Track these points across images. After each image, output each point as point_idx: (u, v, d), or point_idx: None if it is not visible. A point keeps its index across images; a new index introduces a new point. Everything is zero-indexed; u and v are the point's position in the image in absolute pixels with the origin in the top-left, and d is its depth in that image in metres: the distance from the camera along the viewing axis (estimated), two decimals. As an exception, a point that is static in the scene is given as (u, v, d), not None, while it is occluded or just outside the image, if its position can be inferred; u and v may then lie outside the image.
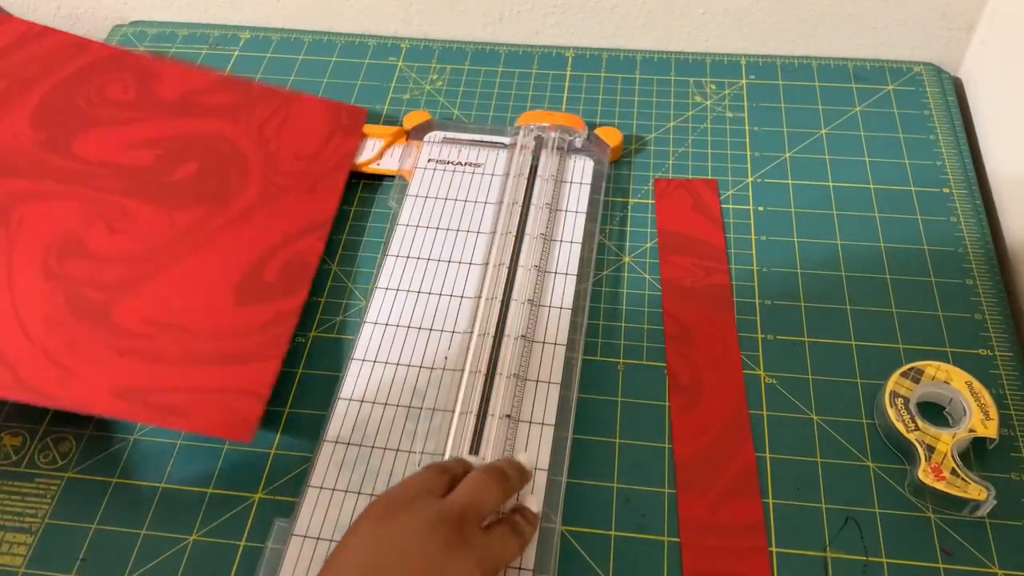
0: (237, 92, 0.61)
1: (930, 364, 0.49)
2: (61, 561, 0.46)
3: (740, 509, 0.46)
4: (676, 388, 0.51)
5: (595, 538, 0.46)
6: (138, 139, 0.57)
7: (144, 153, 0.57)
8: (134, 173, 0.56)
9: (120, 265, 0.52)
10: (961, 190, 0.60)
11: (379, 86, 0.70)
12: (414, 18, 0.75)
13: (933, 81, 0.68)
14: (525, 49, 0.73)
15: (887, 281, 0.55)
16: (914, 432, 0.46)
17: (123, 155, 0.56)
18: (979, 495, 0.44)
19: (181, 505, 0.47)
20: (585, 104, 0.68)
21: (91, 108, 0.58)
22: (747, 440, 0.48)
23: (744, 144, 0.64)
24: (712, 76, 0.70)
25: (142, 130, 0.58)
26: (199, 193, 0.56)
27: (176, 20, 0.78)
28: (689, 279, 0.56)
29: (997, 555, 0.44)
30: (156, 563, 0.45)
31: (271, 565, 0.44)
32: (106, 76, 0.60)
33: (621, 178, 0.63)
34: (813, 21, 0.70)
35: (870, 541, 0.45)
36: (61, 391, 0.46)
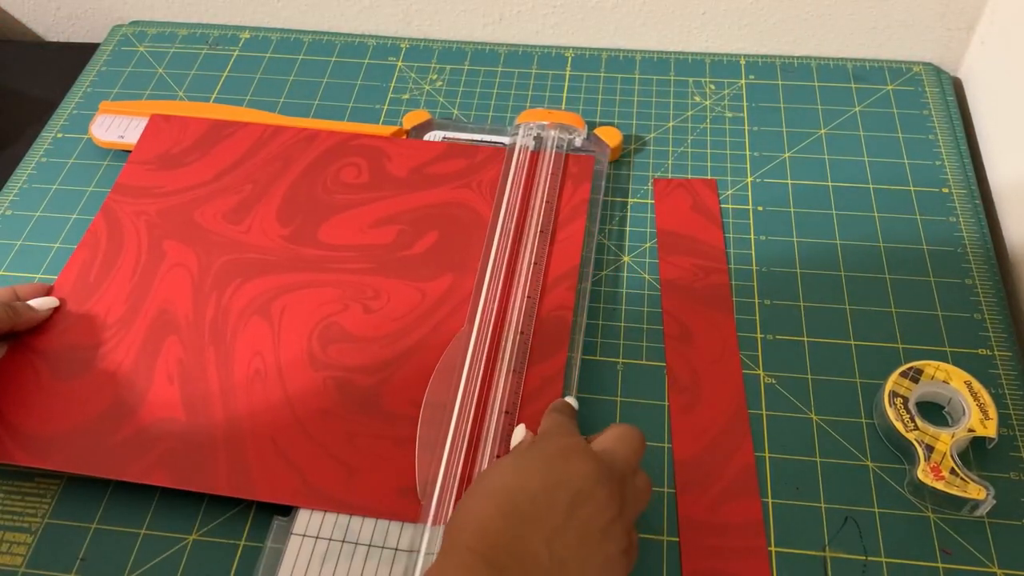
0: (464, 156, 0.62)
1: (929, 364, 0.49)
2: (61, 561, 0.46)
3: (739, 509, 0.46)
4: (676, 388, 0.51)
5: (594, 537, 0.46)
6: (377, 218, 0.58)
7: (385, 231, 0.57)
8: (379, 252, 0.56)
9: (380, 345, 0.52)
10: (960, 190, 0.60)
11: (379, 86, 0.70)
12: (414, 18, 0.75)
13: (933, 81, 0.68)
14: (525, 49, 0.73)
15: (886, 281, 0.56)
16: (913, 432, 0.46)
17: (365, 236, 0.57)
18: (978, 495, 0.44)
19: (181, 504, 0.47)
20: (585, 104, 0.68)
21: (329, 196, 0.60)
22: (746, 440, 0.48)
23: (743, 144, 0.64)
24: (712, 76, 0.70)
25: (380, 209, 0.59)
26: (444, 262, 0.56)
27: (176, 20, 0.78)
28: (689, 279, 0.56)
29: (996, 555, 0.44)
30: (156, 562, 0.45)
31: (270, 564, 0.44)
32: (339, 163, 0.61)
33: (620, 178, 0.63)
34: (813, 21, 0.70)
35: (869, 541, 0.45)
36: (349, 495, 0.46)
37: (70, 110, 0.70)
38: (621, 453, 0.40)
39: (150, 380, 0.51)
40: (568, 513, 0.36)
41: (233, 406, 0.49)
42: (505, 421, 0.48)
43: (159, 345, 0.52)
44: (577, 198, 0.59)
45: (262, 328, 0.53)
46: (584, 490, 0.37)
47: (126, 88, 0.71)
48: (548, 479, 0.37)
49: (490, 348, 0.51)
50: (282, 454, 0.47)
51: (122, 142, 0.65)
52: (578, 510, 0.36)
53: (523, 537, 0.35)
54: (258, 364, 0.51)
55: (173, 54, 0.74)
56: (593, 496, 0.37)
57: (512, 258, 0.55)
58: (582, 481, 0.37)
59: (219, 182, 0.61)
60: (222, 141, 0.63)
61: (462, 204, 0.59)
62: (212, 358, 0.52)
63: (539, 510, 0.36)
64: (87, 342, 0.52)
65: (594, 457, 0.39)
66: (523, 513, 0.36)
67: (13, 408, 0.49)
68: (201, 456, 0.47)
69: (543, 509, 0.36)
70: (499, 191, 0.59)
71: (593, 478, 0.37)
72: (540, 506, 0.36)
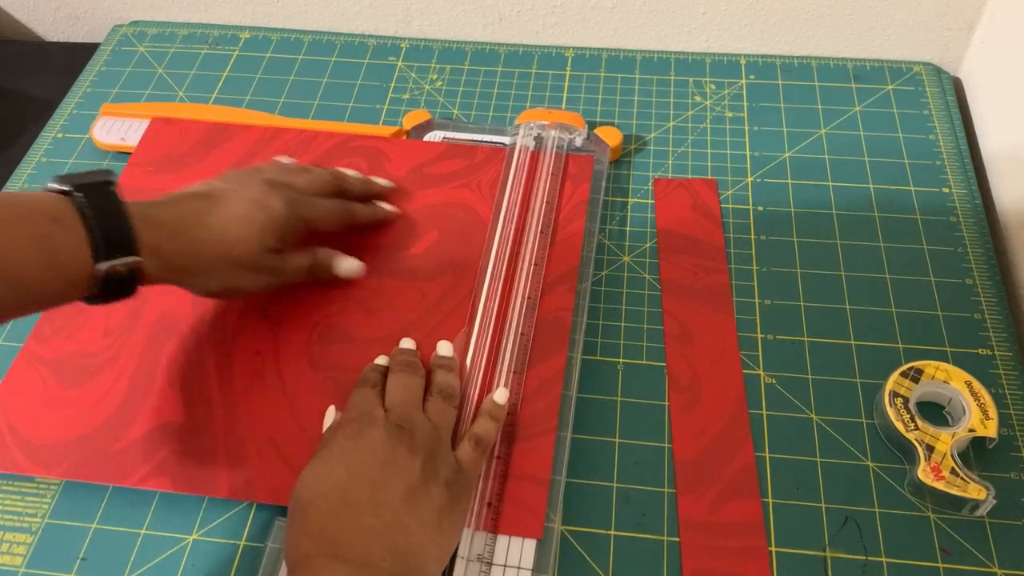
0: (463, 156, 0.62)
1: (929, 364, 0.49)
2: (61, 561, 0.46)
3: (740, 509, 0.46)
4: (676, 388, 0.51)
5: (595, 537, 0.46)
6: None
7: (385, 230, 0.57)
8: (378, 252, 0.56)
9: (380, 345, 0.51)
10: (960, 190, 0.60)
11: (379, 86, 0.70)
12: (414, 18, 0.75)
13: (933, 81, 0.68)
14: (525, 49, 0.73)
15: (886, 280, 0.55)
16: (913, 432, 0.46)
17: (365, 235, 0.57)
18: (978, 495, 0.44)
19: (181, 504, 0.47)
20: (585, 104, 0.68)
21: None
22: (747, 440, 0.48)
23: (744, 144, 0.64)
24: (712, 76, 0.70)
25: None
26: (444, 262, 0.56)
27: (176, 20, 0.78)
28: (689, 279, 0.56)
29: (996, 554, 0.44)
30: (156, 562, 0.45)
31: (271, 564, 0.44)
32: (339, 163, 0.61)
33: (621, 178, 0.63)
34: (813, 21, 0.70)
35: (870, 541, 0.45)
36: None
37: (70, 110, 0.70)
38: (399, 397, 0.45)
39: (152, 384, 0.51)
40: (380, 485, 0.40)
41: (233, 408, 0.49)
42: (505, 422, 0.48)
43: (160, 349, 0.52)
44: (577, 198, 0.59)
45: (262, 329, 0.53)
46: (384, 459, 0.41)
47: (126, 88, 0.71)
48: (350, 464, 0.41)
49: (490, 348, 0.51)
50: (282, 455, 0.47)
51: (123, 144, 0.65)
52: (388, 478, 0.41)
53: (353, 522, 0.39)
54: (257, 365, 0.51)
55: (173, 54, 0.74)
56: (395, 460, 0.41)
57: (512, 258, 0.55)
58: (379, 451, 0.41)
59: None
60: (222, 143, 0.63)
61: (462, 204, 0.59)
62: (212, 360, 0.52)
63: (354, 495, 0.40)
64: (91, 349, 0.52)
65: (382, 423, 0.43)
66: (342, 504, 0.39)
67: (22, 419, 0.50)
68: (201, 459, 0.47)
69: (357, 492, 0.40)
70: (499, 191, 0.59)
71: (387, 444, 0.42)
72: (353, 492, 0.40)
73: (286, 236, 0.49)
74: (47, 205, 0.39)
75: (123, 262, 0.41)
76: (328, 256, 0.53)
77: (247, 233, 0.47)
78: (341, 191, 0.55)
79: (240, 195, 0.48)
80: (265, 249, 0.48)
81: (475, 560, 0.43)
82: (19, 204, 0.39)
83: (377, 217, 0.57)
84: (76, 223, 0.40)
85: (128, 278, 0.41)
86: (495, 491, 0.45)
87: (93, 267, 0.40)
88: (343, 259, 0.53)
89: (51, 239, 0.39)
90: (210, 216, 0.46)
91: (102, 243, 0.40)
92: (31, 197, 0.40)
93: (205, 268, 0.46)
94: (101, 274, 0.40)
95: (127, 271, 0.41)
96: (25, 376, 0.51)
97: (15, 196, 0.40)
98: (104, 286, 0.41)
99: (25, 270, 0.38)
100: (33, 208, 0.39)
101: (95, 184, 0.41)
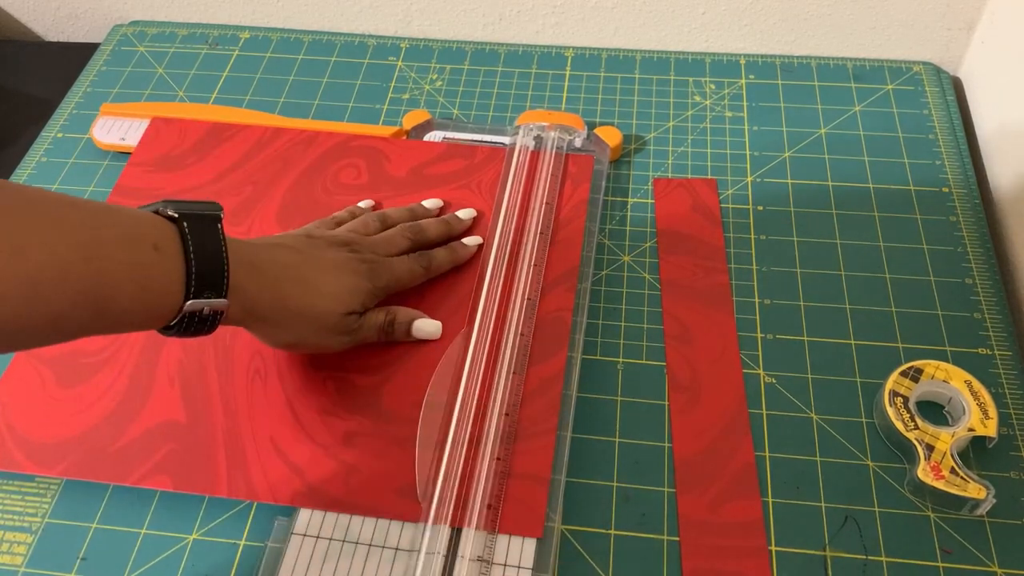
0: (463, 157, 0.62)
1: (929, 363, 0.49)
2: (61, 560, 0.46)
3: (740, 508, 0.46)
4: (676, 387, 0.51)
5: (595, 537, 0.46)
6: None
7: None
8: None
9: (380, 345, 0.51)
10: (960, 189, 0.60)
11: (379, 86, 0.71)
12: (414, 18, 0.75)
13: (932, 81, 0.68)
14: (525, 49, 0.73)
15: (886, 280, 0.56)
16: (913, 431, 0.46)
17: None
18: (978, 494, 0.44)
19: (181, 504, 0.47)
20: (585, 104, 0.68)
21: (329, 197, 0.60)
22: (747, 439, 0.48)
23: (743, 144, 0.64)
24: (711, 76, 0.70)
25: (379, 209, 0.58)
26: None
27: (176, 20, 0.78)
28: (689, 278, 0.56)
29: (996, 554, 0.44)
30: (156, 562, 0.45)
31: (271, 564, 0.44)
32: (338, 164, 0.61)
33: (620, 178, 0.63)
34: (813, 21, 0.70)
35: (869, 540, 0.45)
36: (349, 495, 0.46)
37: (70, 110, 0.70)
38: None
39: (151, 383, 0.51)
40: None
41: (233, 407, 0.49)
42: (505, 422, 0.48)
43: (159, 347, 0.52)
44: (577, 198, 0.59)
45: None
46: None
47: (126, 88, 0.71)
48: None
49: (490, 349, 0.51)
50: (282, 455, 0.47)
51: (123, 144, 0.65)
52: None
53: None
54: (258, 364, 0.51)
55: (173, 54, 0.74)
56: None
57: (512, 259, 0.55)
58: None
59: (219, 184, 0.61)
60: (222, 143, 0.63)
61: (461, 205, 0.59)
62: (212, 359, 0.52)
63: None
64: (90, 347, 0.52)
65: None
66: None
67: (20, 417, 0.50)
68: (201, 458, 0.47)
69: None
70: (499, 191, 0.59)
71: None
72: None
73: (368, 303, 0.49)
74: (151, 230, 0.38)
75: (210, 303, 0.40)
76: (407, 317, 0.52)
77: (333, 296, 0.47)
78: (420, 244, 0.54)
79: (328, 258, 0.48)
80: (348, 313, 0.48)
81: (475, 560, 0.43)
82: (126, 224, 0.38)
83: (458, 262, 0.55)
84: (176, 255, 0.39)
85: (210, 317, 0.41)
86: (495, 491, 0.45)
87: (182, 303, 0.39)
88: (422, 321, 0.52)
89: (150, 268, 0.38)
90: (299, 271, 0.46)
91: (195, 280, 0.39)
92: (139, 220, 0.39)
93: (285, 321, 0.46)
94: (186, 310, 0.39)
95: (211, 311, 0.40)
96: (24, 375, 0.51)
97: (124, 214, 0.38)
98: (186, 322, 0.40)
99: (117, 295, 0.37)
100: (138, 232, 0.38)
101: (203, 216, 0.41)
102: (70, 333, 0.37)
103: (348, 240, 0.50)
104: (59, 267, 0.35)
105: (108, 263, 0.36)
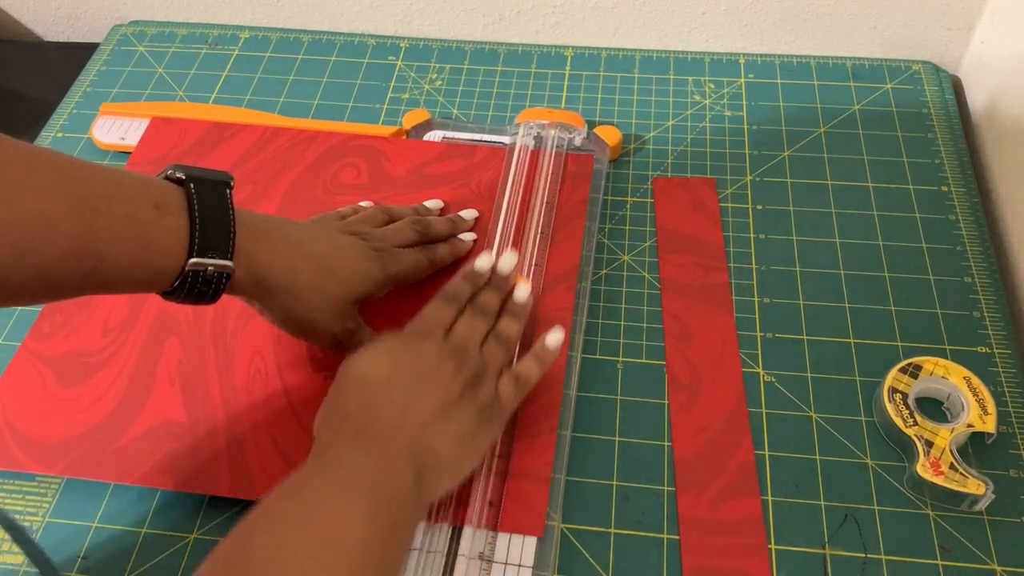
0: (462, 156, 0.62)
1: (928, 360, 0.49)
2: (62, 560, 0.46)
3: (739, 506, 0.46)
4: (675, 386, 0.51)
5: (595, 536, 0.46)
6: None
7: None
8: None
9: None
10: (959, 188, 0.60)
11: (379, 86, 0.71)
12: (414, 18, 0.75)
13: (932, 80, 0.68)
14: (525, 48, 0.73)
15: (886, 279, 0.56)
16: (912, 427, 0.46)
17: None
18: (977, 489, 0.44)
19: (182, 504, 0.47)
20: (584, 103, 0.68)
21: (329, 197, 0.60)
22: (746, 438, 0.49)
23: (743, 143, 0.64)
24: (711, 75, 0.70)
25: None
26: None
27: (176, 20, 0.78)
28: (688, 278, 0.56)
29: (996, 552, 0.44)
30: (157, 561, 0.45)
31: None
32: (339, 163, 0.61)
33: (620, 177, 0.63)
34: (812, 20, 0.70)
35: (869, 538, 0.45)
36: None
37: (70, 110, 0.70)
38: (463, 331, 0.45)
39: (152, 382, 0.51)
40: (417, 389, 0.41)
41: (234, 407, 0.49)
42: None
43: (160, 347, 0.52)
44: (577, 197, 0.59)
45: (262, 328, 0.53)
46: (429, 369, 0.42)
47: (126, 88, 0.71)
48: (397, 362, 0.42)
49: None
50: (283, 454, 0.47)
51: (123, 144, 0.65)
52: (427, 387, 0.41)
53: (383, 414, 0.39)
54: (259, 364, 0.51)
55: (173, 54, 0.74)
56: (438, 373, 0.42)
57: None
58: (426, 360, 0.42)
59: None
60: (222, 143, 0.63)
61: (461, 204, 0.59)
62: (213, 359, 0.52)
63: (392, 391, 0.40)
64: (91, 347, 0.53)
65: (439, 340, 0.44)
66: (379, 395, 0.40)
67: (21, 416, 0.50)
68: (202, 458, 0.47)
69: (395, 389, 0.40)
70: (499, 191, 0.59)
71: (436, 357, 0.42)
72: (392, 387, 0.40)
73: (375, 292, 0.49)
74: (155, 190, 0.38)
75: (214, 263, 0.39)
76: None
77: (345, 279, 0.46)
78: (426, 237, 0.54)
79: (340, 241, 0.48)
80: (353, 299, 0.47)
81: (476, 558, 0.43)
82: (126, 184, 0.38)
83: (458, 256, 0.55)
84: (180, 213, 0.39)
85: (214, 279, 0.40)
86: (496, 489, 0.46)
87: (184, 262, 0.39)
88: None
89: (148, 225, 0.37)
90: (313, 247, 0.45)
91: (199, 239, 0.39)
92: (142, 180, 0.39)
93: (299, 295, 0.45)
94: (188, 269, 0.39)
95: (215, 272, 0.40)
96: (24, 374, 0.51)
97: (127, 175, 0.38)
98: (189, 283, 0.39)
99: (112, 251, 0.36)
100: (139, 191, 0.38)
101: (212, 181, 0.40)
102: (64, 290, 0.37)
103: (358, 229, 0.50)
104: (48, 217, 0.34)
105: (102, 218, 0.36)
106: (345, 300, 0.47)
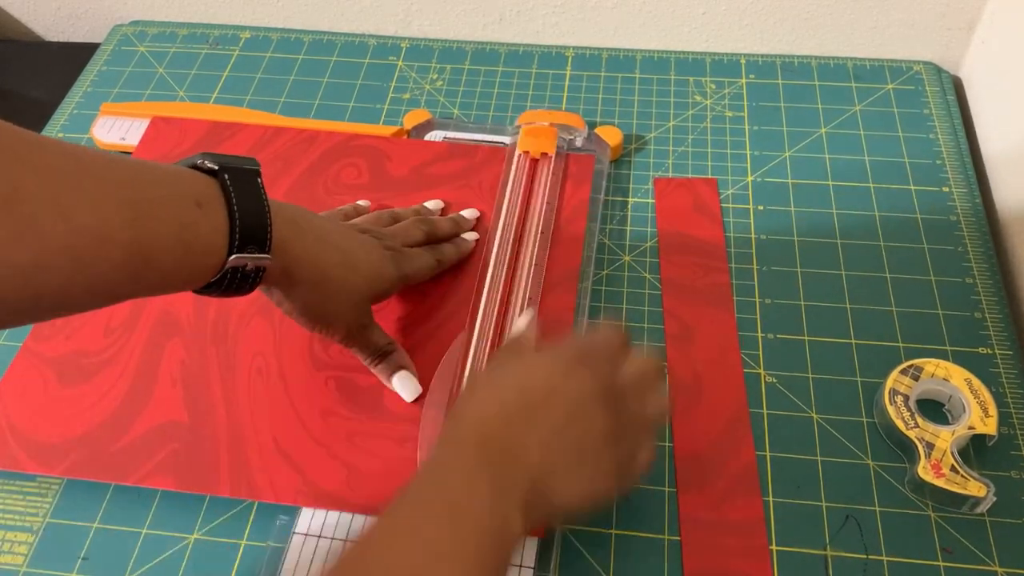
0: (464, 157, 0.62)
1: (929, 361, 0.49)
2: (62, 560, 0.46)
3: (740, 507, 0.46)
4: (676, 387, 0.51)
5: (596, 537, 0.46)
6: None
7: None
8: None
9: None
10: (960, 188, 0.60)
11: (379, 86, 0.71)
12: (414, 18, 0.75)
13: (933, 80, 0.68)
14: (525, 49, 0.73)
15: (887, 279, 0.56)
16: (914, 429, 0.46)
17: None
18: (978, 492, 0.44)
19: (182, 504, 0.47)
20: (585, 103, 0.68)
21: (330, 197, 0.60)
22: (747, 438, 0.48)
23: (744, 143, 0.64)
24: (712, 75, 0.70)
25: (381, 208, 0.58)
26: None
27: (176, 20, 0.78)
28: (689, 278, 0.56)
29: (997, 553, 0.44)
30: (157, 562, 0.45)
31: (272, 563, 0.44)
32: (339, 164, 0.61)
33: (621, 177, 0.63)
34: (813, 20, 0.70)
35: (870, 539, 0.45)
36: (351, 494, 0.46)
37: (70, 110, 0.70)
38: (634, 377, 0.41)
39: (153, 382, 0.51)
40: (565, 422, 0.37)
41: (235, 407, 0.49)
42: None
43: (162, 347, 0.52)
44: (577, 198, 0.59)
45: (263, 328, 0.53)
46: (583, 404, 0.38)
47: (126, 88, 0.71)
48: (551, 384, 0.38)
49: (491, 349, 0.51)
50: (284, 454, 0.47)
51: (123, 144, 0.65)
52: (574, 422, 0.37)
53: (519, 436, 0.36)
54: (260, 364, 0.51)
55: (173, 54, 0.74)
56: (590, 412, 0.38)
57: (513, 259, 0.55)
58: (582, 394, 0.38)
59: None
60: (222, 143, 0.63)
61: (462, 205, 0.59)
62: (214, 359, 0.52)
63: (538, 414, 0.37)
64: (92, 348, 0.52)
65: (600, 376, 0.39)
66: (523, 413, 0.37)
67: (23, 417, 0.50)
68: (203, 458, 0.47)
69: (542, 413, 0.37)
70: (499, 192, 0.59)
71: (593, 395, 0.38)
72: (539, 410, 0.37)
73: (389, 291, 0.49)
74: (192, 188, 0.37)
75: (253, 257, 0.39)
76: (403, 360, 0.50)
77: (365, 274, 0.46)
78: (432, 237, 0.54)
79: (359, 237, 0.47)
80: (371, 296, 0.47)
81: (476, 559, 0.43)
82: (167, 182, 0.36)
83: (463, 255, 0.55)
84: (220, 210, 0.38)
85: (252, 274, 0.39)
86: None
87: (225, 259, 0.38)
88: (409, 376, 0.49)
89: (194, 227, 0.36)
90: (338, 239, 0.45)
91: (239, 235, 0.38)
92: (179, 175, 0.37)
93: (324, 288, 0.44)
94: (229, 266, 0.38)
95: (253, 268, 0.39)
96: (25, 374, 0.51)
97: (162, 170, 0.37)
98: (228, 279, 0.39)
99: (161, 256, 0.35)
100: (181, 188, 0.37)
101: (243, 170, 0.39)
102: (115, 297, 0.36)
103: (367, 228, 0.50)
104: (103, 230, 0.33)
105: (152, 222, 0.35)
106: (365, 297, 0.47)
